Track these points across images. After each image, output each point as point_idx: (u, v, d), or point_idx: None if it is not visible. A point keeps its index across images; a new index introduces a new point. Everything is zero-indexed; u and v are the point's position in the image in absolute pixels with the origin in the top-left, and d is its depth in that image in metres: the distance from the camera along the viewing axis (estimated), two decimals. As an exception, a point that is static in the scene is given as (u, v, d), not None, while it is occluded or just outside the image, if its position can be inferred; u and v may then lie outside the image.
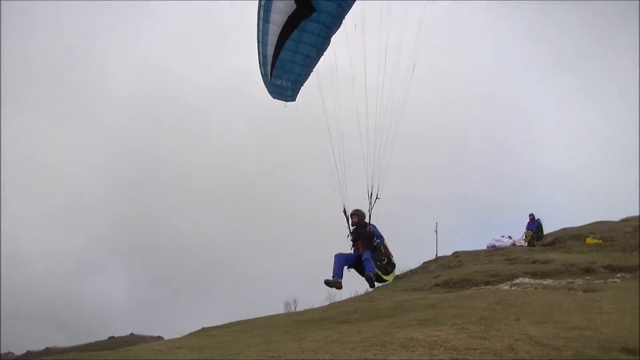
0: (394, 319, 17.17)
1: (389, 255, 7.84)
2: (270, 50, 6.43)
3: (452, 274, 27.77)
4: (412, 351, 11.00)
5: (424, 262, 35.54)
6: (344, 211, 7.91)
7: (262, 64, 6.81)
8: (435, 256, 36.11)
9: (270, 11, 6.11)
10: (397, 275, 36.75)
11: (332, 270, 7.85)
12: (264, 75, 6.98)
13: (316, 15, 6.05)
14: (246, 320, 30.69)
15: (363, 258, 7.62)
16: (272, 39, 6.30)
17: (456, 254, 35.01)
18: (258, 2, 6.25)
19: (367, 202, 7.81)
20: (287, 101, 7.19)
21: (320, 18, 6.15)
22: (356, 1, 6.36)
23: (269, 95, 7.25)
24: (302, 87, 7.17)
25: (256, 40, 6.58)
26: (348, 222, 7.98)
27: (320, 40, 6.37)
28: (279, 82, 6.89)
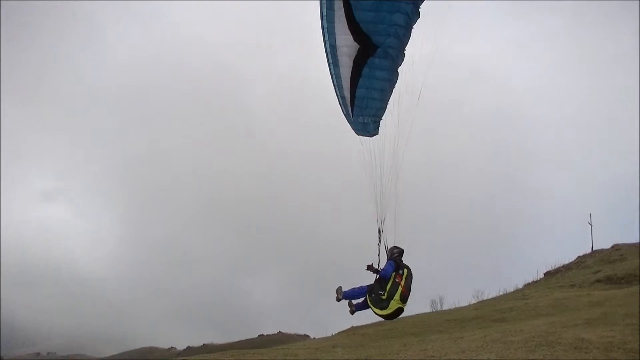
0: (555, 317, 16.44)
1: (392, 293, 6.95)
2: (347, 91, 6.73)
3: (615, 268, 25.61)
4: (586, 352, 10.54)
5: (579, 257, 33.24)
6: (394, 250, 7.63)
7: (343, 105, 7.10)
8: (591, 250, 33.68)
9: (337, 55, 6.47)
10: (549, 271, 35.11)
11: (348, 292, 7.34)
12: (346, 115, 7.23)
13: (380, 51, 6.31)
14: (395, 320, 30.95)
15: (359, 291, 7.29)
16: (346, 80, 6.62)
17: (616, 247, 32.06)
18: (324, 49, 6.60)
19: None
20: (370, 136, 7.25)
21: (384, 53, 6.36)
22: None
23: (354, 133, 7.40)
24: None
25: (332, 85, 6.92)
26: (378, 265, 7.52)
27: (390, 73, 6.52)
28: (360, 119, 7.04)
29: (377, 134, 7.04)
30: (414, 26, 6.15)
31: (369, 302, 7.08)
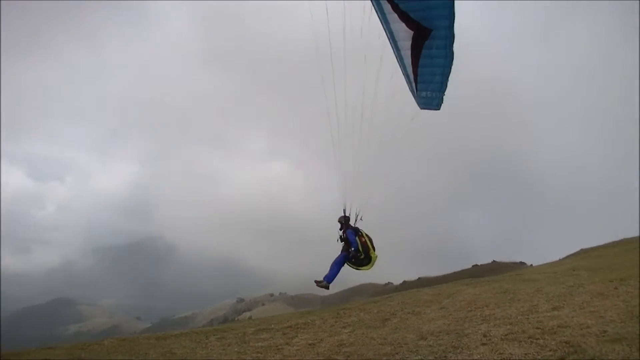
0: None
1: (366, 251, 8.47)
2: (410, 70, 7.36)
3: None
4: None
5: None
6: (341, 219, 8.93)
7: (408, 82, 7.72)
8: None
9: (397, 40, 7.21)
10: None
11: (328, 272, 8.56)
12: (411, 91, 7.81)
13: (433, 33, 6.83)
14: (632, 237, 28.95)
15: (336, 261, 8.61)
16: (408, 61, 7.28)
17: None
18: (385, 34, 7.32)
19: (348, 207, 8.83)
20: (435, 109, 7.82)
21: (437, 34, 6.85)
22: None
23: (419, 107, 8.05)
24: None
25: (398, 64, 7.62)
26: (341, 229, 8.92)
27: (445, 50, 6.96)
28: (424, 94, 7.69)
29: (440, 108, 7.77)
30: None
31: (354, 266, 8.64)
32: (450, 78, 7.35)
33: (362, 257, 8.52)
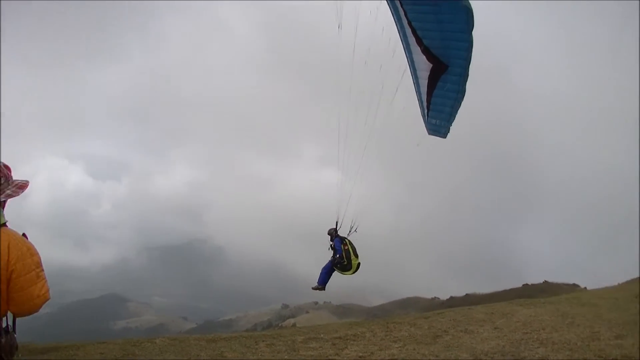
0: None
1: (349, 258, 9.48)
2: (424, 97, 8.12)
3: None
4: None
5: None
6: (331, 231, 10.00)
7: (421, 107, 8.48)
8: None
9: (417, 69, 8.07)
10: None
11: (318, 278, 9.96)
12: (423, 116, 8.53)
13: (450, 69, 7.51)
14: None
15: (324, 267, 9.91)
16: (424, 88, 8.01)
17: None
18: (407, 61, 8.14)
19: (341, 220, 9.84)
20: (442, 137, 8.46)
21: (453, 71, 7.51)
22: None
23: (427, 132, 8.78)
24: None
25: (414, 89, 8.45)
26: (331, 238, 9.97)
27: (459, 85, 7.60)
28: (433, 121, 8.32)
29: (446, 137, 8.42)
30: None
31: (339, 271, 9.72)
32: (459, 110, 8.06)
33: (345, 262, 9.56)
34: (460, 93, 7.63)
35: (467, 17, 6.74)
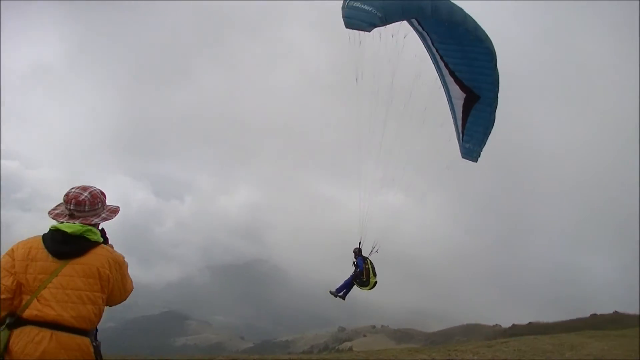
0: None
1: (368, 276, 10.35)
2: (459, 122, 8.99)
3: None
4: None
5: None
6: (355, 250, 10.80)
7: (456, 132, 9.20)
8: None
9: (452, 97, 8.82)
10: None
11: (339, 287, 10.85)
12: (458, 140, 9.23)
13: (481, 99, 8.36)
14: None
15: (346, 280, 10.79)
16: (459, 115, 8.91)
17: None
18: (444, 91, 8.90)
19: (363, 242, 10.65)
20: (473, 161, 9.15)
21: (485, 101, 8.36)
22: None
23: (460, 155, 9.42)
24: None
25: (451, 117, 9.23)
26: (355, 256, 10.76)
27: (489, 113, 8.46)
28: (467, 145, 9.06)
29: (477, 161, 9.14)
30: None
31: (357, 285, 10.65)
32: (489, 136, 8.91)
33: (364, 279, 10.51)
34: (491, 121, 8.43)
35: (490, 57, 7.46)
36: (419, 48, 8.45)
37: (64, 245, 3.98)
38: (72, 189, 4.22)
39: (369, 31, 6.14)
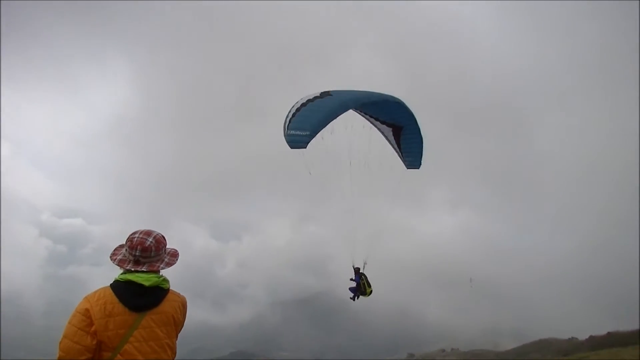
0: None
1: (365, 287, 12.55)
2: (396, 147, 11.42)
3: None
4: None
5: None
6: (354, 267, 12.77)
7: (397, 153, 11.58)
8: None
9: (384, 133, 11.32)
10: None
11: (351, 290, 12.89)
12: (400, 158, 11.63)
13: (404, 128, 10.93)
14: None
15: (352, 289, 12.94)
16: (394, 143, 11.41)
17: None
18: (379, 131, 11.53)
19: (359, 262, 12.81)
20: (417, 169, 11.53)
21: (408, 128, 10.93)
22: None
23: (406, 168, 11.71)
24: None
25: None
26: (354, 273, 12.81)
27: (417, 136, 11.02)
28: (408, 159, 11.45)
29: (419, 167, 11.46)
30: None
31: (358, 293, 12.67)
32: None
33: (363, 290, 12.70)
34: (420, 138, 11.11)
35: (397, 100, 10.26)
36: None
37: (141, 298, 4.04)
38: (136, 233, 4.25)
39: (305, 147, 8.66)
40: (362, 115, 11.16)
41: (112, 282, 4.13)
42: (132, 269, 4.11)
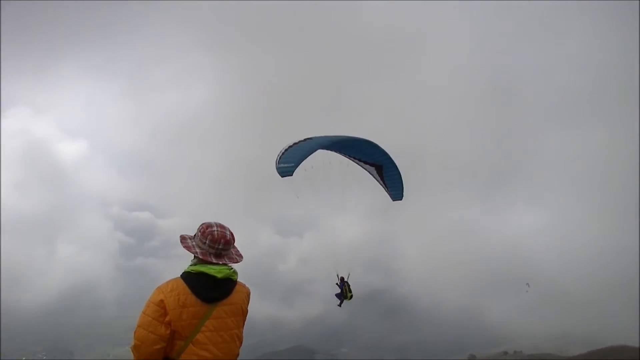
0: None
1: (346, 292, 13.51)
2: (381, 182, 12.86)
3: None
4: None
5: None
6: (339, 276, 13.74)
7: (383, 187, 12.95)
8: None
9: (369, 171, 12.79)
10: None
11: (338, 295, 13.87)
12: (386, 191, 13.02)
13: (384, 166, 12.40)
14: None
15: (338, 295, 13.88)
16: (378, 179, 12.83)
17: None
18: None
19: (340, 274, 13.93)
20: (400, 200, 12.94)
21: (387, 166, 12.38)
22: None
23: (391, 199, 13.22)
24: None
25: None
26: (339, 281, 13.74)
27: (396, 171, 12.45)
28: (393, 192, 12.81)
29: (402, 199, 12.90)
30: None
31: (344, 299, 13.67)
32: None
33: (345, 295, 13.57)
34: (399, 174, 12.52)
35: (372, 144, 11.84)
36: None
37: (214, 290, 4.20)
38: (213, 228, 4.35)
39: (292, 175, 10.45)
40: (348, 158, 12.83)
41: (182, 273, 4.27)
42: (213, 261, 4.26)
